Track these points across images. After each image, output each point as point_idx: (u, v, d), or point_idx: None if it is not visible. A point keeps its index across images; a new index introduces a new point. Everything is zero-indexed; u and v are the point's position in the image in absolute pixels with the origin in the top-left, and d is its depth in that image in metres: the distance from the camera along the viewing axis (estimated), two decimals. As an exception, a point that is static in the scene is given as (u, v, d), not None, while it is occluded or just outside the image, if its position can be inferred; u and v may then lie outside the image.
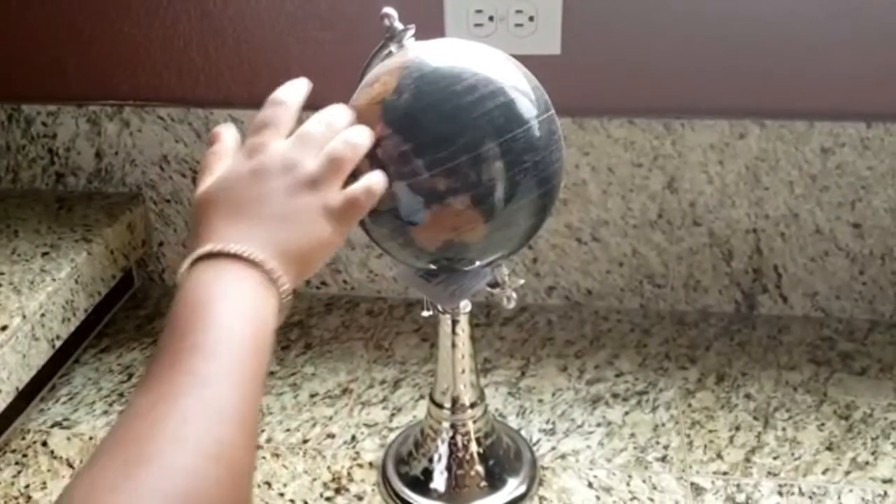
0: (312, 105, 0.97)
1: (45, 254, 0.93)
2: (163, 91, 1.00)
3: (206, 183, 0.58)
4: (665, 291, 1.01)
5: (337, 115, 0.61)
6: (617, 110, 0.94)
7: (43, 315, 0.86)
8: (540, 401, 0.89)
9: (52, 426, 0.88)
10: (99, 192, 1.06)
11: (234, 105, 0.99)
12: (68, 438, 0.86)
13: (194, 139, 1.01)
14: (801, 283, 0.99)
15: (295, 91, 0.62)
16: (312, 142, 0.58)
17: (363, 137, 0.60)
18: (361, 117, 0.65)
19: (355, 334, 1.00)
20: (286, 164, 0.57)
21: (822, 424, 0.85)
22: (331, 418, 0.87)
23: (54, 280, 0.88)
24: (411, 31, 0.66)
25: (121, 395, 0.91)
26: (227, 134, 0.62)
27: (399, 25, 0.66)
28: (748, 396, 0.89)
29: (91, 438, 0.85)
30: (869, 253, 0.96)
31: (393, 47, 0.67)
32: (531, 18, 0.91)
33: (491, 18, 0.91)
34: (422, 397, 0.90)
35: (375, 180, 0.59)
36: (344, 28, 0.95)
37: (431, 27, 0.89)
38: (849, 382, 0.90)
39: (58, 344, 0.89)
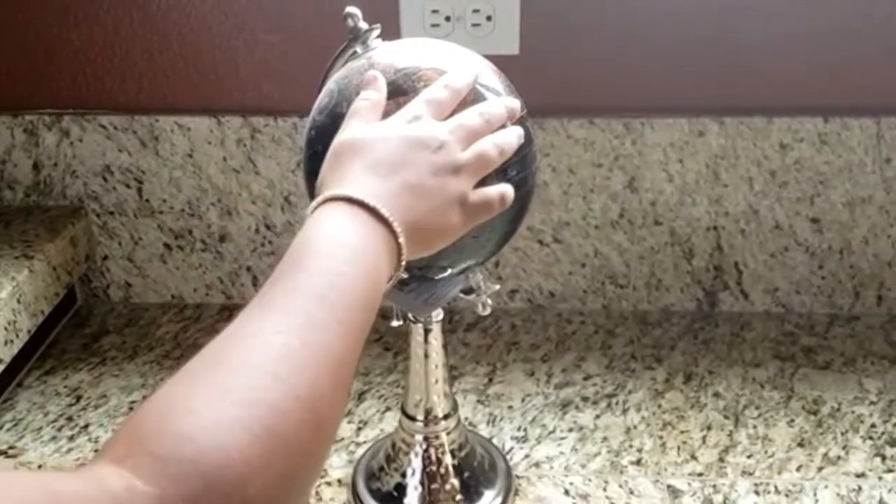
0: (265, 110, 0.95)
1: (-17, 272, 0.88)
2: (105, 98, 0.96)
3: (356, 129, 0.57)
4: (627, 291, 1.01)
5: (496, 111, 0.60)
6: (577, 110, 0.92)
7: (-16, 338, 0.81)
8: (510, 407, 0.87)
9: (-3, 455, 0.83)
10: (38, 205, 1.00)
11: (181, 111, 0.95)
12: (14, 468, 0.81)
13: (139, 148, 0.97)
14: (762, 279, 0.99)
15: (467, 81, 0.61)
16: (467, 132, 0.58)
17: (513, 142, 0.60)
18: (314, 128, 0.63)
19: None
20: (439, 144, 0.57)
21: (792, 421, 0.85)
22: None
23: (-5, 300, 0.83)
24: (377, 32, 0.64)
25: (69, 418, 0.87)
26: (380, 85, 0.60)
27: (364, 25, 0.63)
28: (717, 395, 0.88)
29: (40, 467, 0.81)
30: (828, 247, 0.97)
31: (358, 48, 0.64)
32: (489, 18, 0.89)
33: (448, 19, 0.89)
34: (388, 409, 0.87)
35: (508, 191, 0.60)
36: (293, 29, 0.92)
37: (386, 28, 0.86)
38: (814, 377, 0.91)
39: (0, 368, 0.84)
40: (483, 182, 0.59)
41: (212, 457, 0.39)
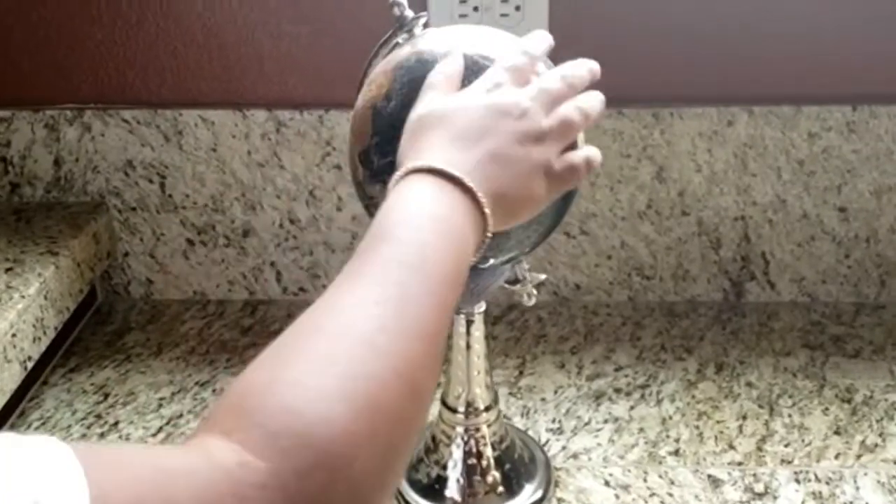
0: (290, 103, 0.94)
1: (8, 269, 0.87)
2: (127, 92, 0.94)
3: (434, 101, 0.57)
4: (654, 283, 1.00)
5: (578, 74, 0.59)
6: (605, 100, 0.91)
7: (14, 335, 0.80)
8: (543, 399, 0.87)
9: (28, 454, 0.81)
10: (59, 201, 0.99)
11: (205, 105, 0.94)
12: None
13: (162, 142, 0.96)
14: (789, 268, 0.99)
15: (543, 45, 0.61)
16: (550, 98, 0.57)
17: (596, 106, 0.59)
18: (356, 121, 0.63)
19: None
20: (522, 111, 0.56)
21: (827, 409, 0.85)
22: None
23: (23, 297, 0.82)
24: (423, 20, 0.63)
25: (98, 416, 0.86)
26: (456, 57, 0.60)
27: (410, 13, 0.63)
28: (750, 384, 0.88)
29: (72, 465, 0.80)
30: (854, 236, 0.97)
31: (401, 37, 0.63)
32: (517, 8, 0.88)
33: (476, 9, 0.89)
34: (420, 402, 0.86)
35: (595, 154, 0.59)
36: (320, 21, 0.91)
37: (414, 19, 0.86)
38: (845, 366, 0.91)
39: (30, 365, 0.83)
40: None
41: (321, 431, 0.39)
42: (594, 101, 0.59)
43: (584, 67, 0.60)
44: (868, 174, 0.94)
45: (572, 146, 0.59)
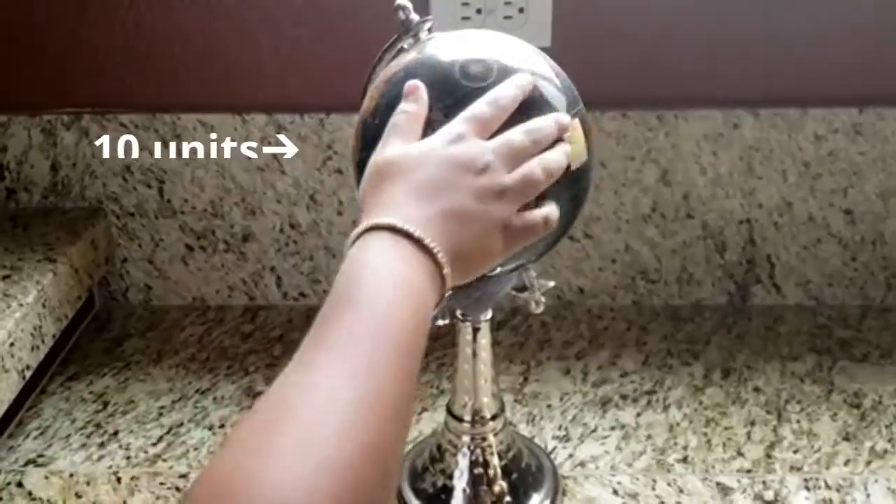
0: (290, 107, 0.92)
1: (6, 277, 0.85)
2: (125, 96, 0.93)
3: (396, 148, 0.55)
4: (658, 286, 0.99)
5: (545, 130, 0.57)
6: (609, 103, 0.91)
7: (12, 345, 0.78)
8: (548, 406, 0.86)
9: (26, 464, 0.80)
10: (56, 207, 0.98)
11: (204, 109, 0.93)
12: (46, 477, 0.79)
13: (160, 147, 0.94)
14: (794, 271, 0.98)
15: (514, 98, 0.58)
16: (514, 153, 0.56)
17: (561, 163, 0.57)
18: (355, 131, 0.62)
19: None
20: (484, 166, 0.54)
21: (835, 414, 0.84)
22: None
23: (21, 305, 0.81)
24: (428, 24, 0.62)
25: (97, 425, 0.85)
26: (419, 97, 0.58)
27: (415, 17, 0.61)
28: (757, 390, 0.87)
29: (72, 475, 0.79)
30: (860, 239, 0.96)
31: (406, 42, 0.62)
32: (521, 10, 0.87)
33: (479, 11, 0.87)
34: (424, 410, 0.85)
35: (552, 212, 0.58)
36: (320, 23, 0.90)
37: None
38: (852, 370, 0.90)
39: (28, 374, 0.81)
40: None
41: None
42: (558, 156, 0.57)
43: (551, 121, 0.58)
44: (875, 176, 0.93)
45: (530, 202, 0.57)
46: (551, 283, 0.66)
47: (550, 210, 0.58)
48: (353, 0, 0.88)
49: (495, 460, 0.72)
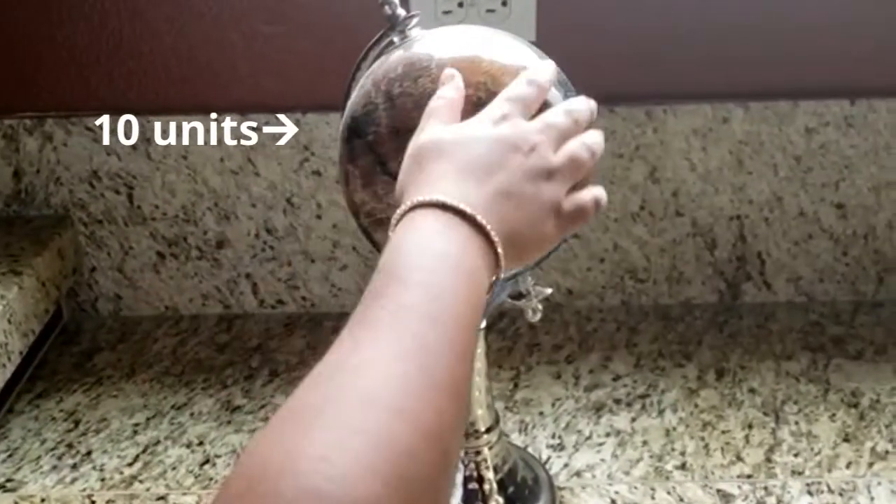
0: (265, 107, 0.89)
1: (-33, 292, 0.81)
2: (91, 99, 0.89)
3: (438, 130, 0.52)
4: (647, 286, 0.97)
5: (582, 109, 0.56)
6: (596, 98, 0.87)
7: (-24, 363, 0.74)
8: (541, 413, 0.83)
9: (-6, 490, 0.76)
10: (19, 216, 0.93)
11: (174, 111, 0.89)
12: (15, 502, 0.74)
13: (129, 151, 0.90)
14: (785, 268, 0.96)
15: (549, 75, 0.57)
16: (557, 133, 0.54)
17: (601, 143, 0.56)
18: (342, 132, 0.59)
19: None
20: (531, 146, 0.52)
21: (834, 415, 0.82)
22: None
23: (-15, 322, 0.77)
24: (416, 20, 0.59)
25: (69, 445, 0.80)
26: (457, 82, 0.55)
27: (402, 13, 0.58)
28: (752, 391, 0.85)
29: (43, 501, 0.74)
30: (852, 233, 0.94)
31: (395, 38, 0.59)
32: (504, 3, 0.84)
33: (461, 4, 0.84)
34: (412, 420, 0.82)
35: (602, 194, 0.56)
36: (296, 20, 0.87)
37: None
38: (848, 368, 0.88)
39: (-6, 395, 0.77)
40: None
41: None
42: (599, 137, 0.56)
43: (587, 104, 0.57)
44: (866, 169, 0.91)
45: (578, 184, 0.55)
46: (548, 290, 0.63)
47: (599, 191, 0.56)
48: (329, -5, 0.85)
49: (490, 474, 0.69)
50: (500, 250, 0.48)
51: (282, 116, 0.88)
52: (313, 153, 0.90)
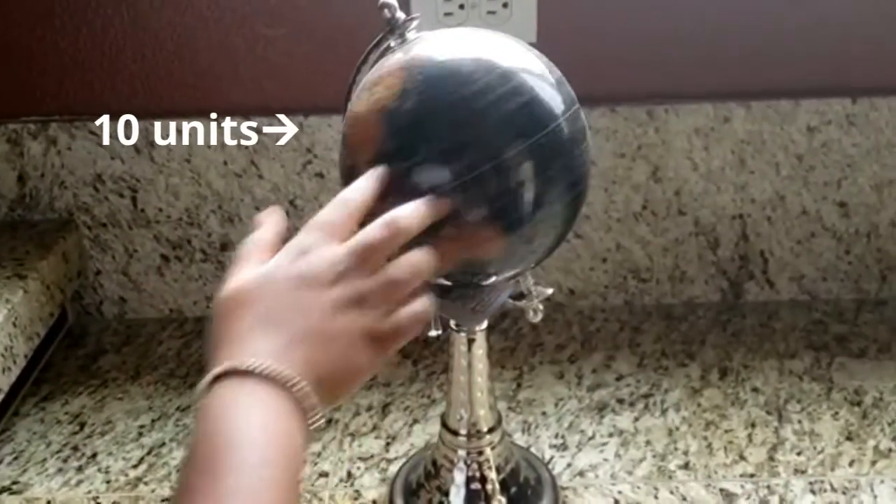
0: (267, 110, 0.89)
1: (-27, 295, 0.82)
2: (94, 103, 0.89)
3: (239, 279, 0.50)
4: (650, 285, 0.97)
5: (406, 219, 0.52)
6: (598, 99, 0.88)
7: (-19, 367, 0.75)
8: (543, 413, 0.83)
9: (1, 492, 0.76)
10: (24, 220, 0.94)
11: (177, 114, 0.89)
12: (21, 505, 0.75)
13: (132, 154, 0.91)
14: (788, 266, 0.96)
15: (364, 190, 0.53)
16: (371, 253, 0.51)
17: (428, 262, 0.52)
18: (360, 125, 0.58)
19: None
20: (336, 276, 0.49)
21: (836, 413, 0.82)
22: (319, 454, 0.79)
23: (-10, 325, 0.77)
24: (415, 22, 0.59)
25: (74, 448, 0.81)
26: (272, 222, 0.54)
27: (401, 16, 0.58)
28: (756, 390, 0.85)
29: (49, 503, 0.75)
30: (854, 231, 0.94)
31: (393, 41, 0.59)
32: (505, 5, 0.84)
33: (462, 6, 0.84)
34: (416, 421, 0.82)
35: (423, 308, 0.52)
36: (297, 23, 0.87)
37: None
38: (851, 366, 0.88)
39: (0, 397, 0.78)
40: (523, 189, 0.54)
41: None
42: (424, 256, 0.52)
43: (415, 210, 0.52)
44: (868, 168, 0.91)
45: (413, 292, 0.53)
46: (549, 291, 0.63)
47: (420, 305, 0.52)
48: (330, -3, 0.85)
49: (493, 475, 0.69)
50: (308, 403, 0.47)
51: (282, 117, 0.88)
52: (316, 155, 0.91)
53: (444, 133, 0.54)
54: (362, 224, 0.52)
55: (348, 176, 0.56)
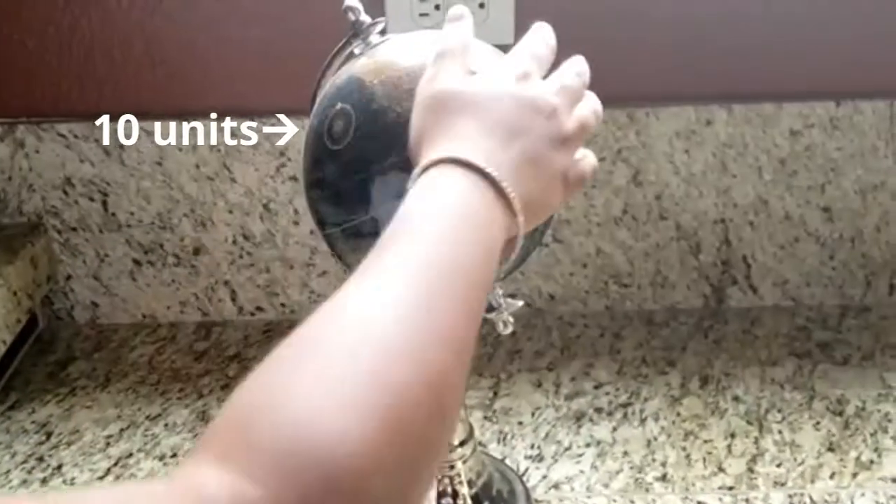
0: (240, 112, 0.87)
1: (-64, 302, 0.80)
2: (62, 105, 0.87)
3: (455, 80, 0.50)
4: (631, 291, 0.95)
5: (587, 70, 0.55)
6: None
7: (-58, 377, 0.73)
8: (520, 423, 0.81)
9: (-38, 505, 0.75)
10: (-9, 224, 0.92)
11: (147, 116, 0.87)
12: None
13: (102, 158, 0.89)
14: (771, 272, 0.94)
15: (551, 34, 0.56)
16: (571, 97, 0.52)
17: (600, 109, 0.56)
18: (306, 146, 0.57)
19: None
20: (552, 112, 0.50)
21: (818, 423, 0.80)
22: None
23: (-48, 334, 0.75)
24: (380, 26, 0.57)
25: (40, 458, 0.79)
26: (466, 23, 0.54)
27: (366, 19, 0.57)
28: (736, 399, 0.83)
29: (12, 516, 0.73)
30: (839, 236, 0.93)
31: (357, 46, 0.57)
32: (481, 5, 0.83)
33: (437, 7, 0.83)
34: (389, 431, 0.81)
35: (595, 161, 0.56)
36: (269, 24, 0.85)
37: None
38: (834, 374, 0.86)
39: (-38, 408, 0.76)
40: None
41: (333, 447, 0.32)
42: (599, 103, 0.56)
43: (586, 64, 0.56)
44: (852, 172, 0.90)
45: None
46: (520, 303, 0.61)
47: (593, 158, 0.56)
48: (303, -2, 0.83)
49: (465, 490, 0.68)
50: (520, 219, 0.47)
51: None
52: (289, 159, 0.89)
53: (402, 143, 0.52)
54: None
55: (310, 173, 0.56)
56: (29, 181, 0.90)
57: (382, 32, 0.58)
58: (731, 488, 0.74)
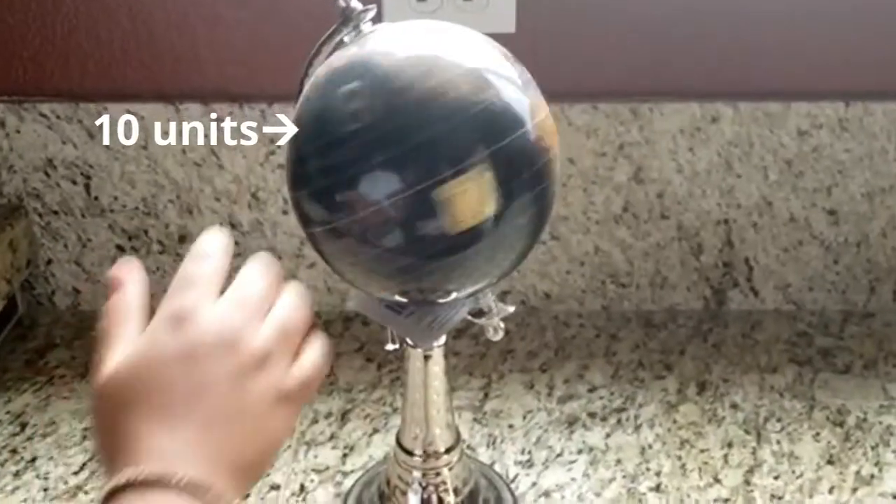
0: (229, 96, 0.84)
1: None
2: (45, 84, 0.84)
3: (116, 364, 0.43)
4: (630, 291, 0.93)
5: (272, 264, 0.48)
6: (579, 94, 0.83)
7: (-89, 366, 0.70)
8: (510, 426, 0.79)
9: (-69, 498, 0.72)
10: (-30, 205, 0.89)
11: (132, 98, 0.84)
12: (-46, 513, 0.71)
13: (86, 139, 0.86)
14: (773, 275, 0.92)
15: (219, 240, 0.49)
16: (253, 303, 0.45)
17: (306, 296, 0.48)
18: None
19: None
20: (227, 340, 0.43)
21: (817, 434, 0.78)
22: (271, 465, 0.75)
23: (-77, 321, 0.72)
24: (371, 13, 0.54)
25: (13, 451, 0.76)
26: (132, 280, 0.48)
27: (357, 6, 0.53)
28: (734, 406, 0.81)
29: (-18, 511, 0.71)
30: (844, 241, 0.90)
31: (346, 35, 0.54)
32: (481, -8, 0.79)
33: (436, -7, 0.79)
34: (375, 431, 0.78)
35: (322, 351, 0.47)
36: (261, 6, 0.82)
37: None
38: (835, 383, 0.84)
39: (-68, 398, 0.73)
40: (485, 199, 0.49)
41: None
42: (300, 289, 0.48)
43: (267, 255, 0.49)
44: (860, 175, 0.87)
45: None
46: (511, 308, 0.59)
47: (317, 351, 0.47)
48: (296, -21, 0.80)
49: (450, 498, 0.65)
50: (229, 497, 0.41)
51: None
52: (280, 146, 0.86)
53: (395, 137, 0.49)
54: None
55: (295, 171, 0.53)
56: (10, 162, 0.87)
57: (374, 21, 0.55)
58: (726, 500, 0.71)
